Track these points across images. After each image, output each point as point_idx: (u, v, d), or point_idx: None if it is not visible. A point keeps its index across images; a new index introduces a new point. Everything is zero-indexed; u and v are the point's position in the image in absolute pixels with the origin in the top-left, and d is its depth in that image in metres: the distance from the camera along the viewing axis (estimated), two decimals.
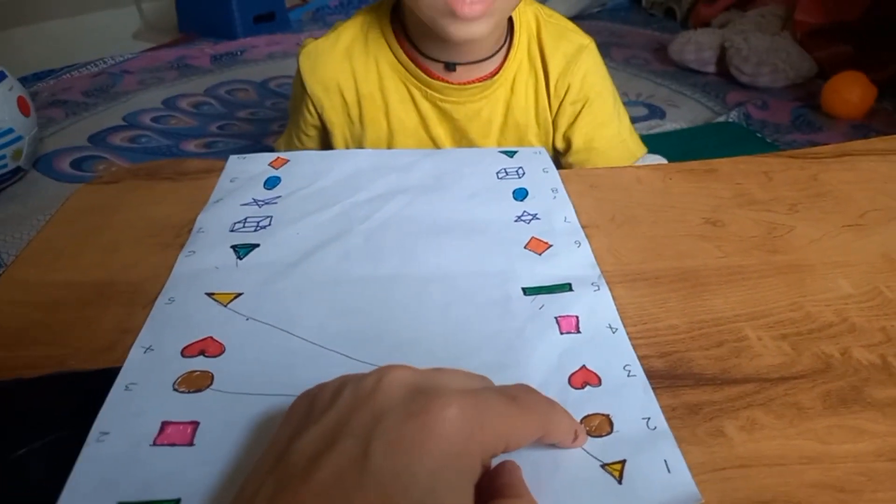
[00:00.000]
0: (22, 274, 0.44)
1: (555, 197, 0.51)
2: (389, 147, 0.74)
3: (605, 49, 2.15)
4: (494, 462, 0.28)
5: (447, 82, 0.70)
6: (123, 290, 0.42)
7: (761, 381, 0.35)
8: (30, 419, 0.34)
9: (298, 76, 0.73)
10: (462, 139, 0.74)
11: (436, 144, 0.74)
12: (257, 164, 0.55)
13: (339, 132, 0.74)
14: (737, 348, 0.37)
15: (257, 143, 1.56)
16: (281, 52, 2.21)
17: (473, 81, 0.71)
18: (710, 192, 0.52)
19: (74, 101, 1.84)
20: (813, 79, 1.76)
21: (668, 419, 0.32)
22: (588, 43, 0.73)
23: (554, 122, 0.75)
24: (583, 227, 0.48)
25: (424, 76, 0.70)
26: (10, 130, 1.35)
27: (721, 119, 1.60)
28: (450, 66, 0.69)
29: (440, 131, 0.73)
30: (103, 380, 0.34)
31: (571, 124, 0.74)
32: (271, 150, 0.91)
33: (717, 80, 1.85)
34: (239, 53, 2.21)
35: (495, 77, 0.71)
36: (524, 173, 0.54)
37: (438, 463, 0.23)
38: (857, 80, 1.57)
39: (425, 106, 0.72)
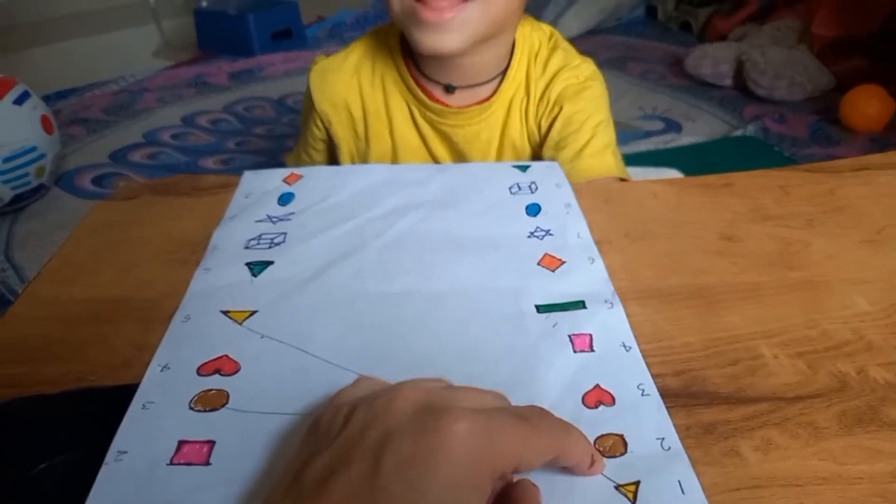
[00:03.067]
0: (42, 291, 0.45)
1: (568, 212, 0.51)
2: (393, 163, 0.74)
3: (620, 64, 2.15)
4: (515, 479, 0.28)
5: (445, 105, 0.70)
6: (140, 307, 0.42)
7: (776, 400, 0.34)
8: (50, 435, 0.34)
9: (308, 92, 0.74)
10: (462, 160, 0.74)
11: (437, 162, 0.74)
12: (271, 180, 0.55)
13: (345, 147, 0.75)
14: (752, 366, 0.36)
15: (273, 158, 1.57)
16: (298, 68, 2.24)
17: (473, 105, 0.70)
18: (726, 206, 0.52)
19: (95, 119, 1.88)
20: (830, 92, 1.75)
21: (682, 438, 0.32)
22: (577, 62, 0.71)
23: (540, 139, 0.73)
24: (597, 242, 0.47)
25: (425, 98, 0.70)
26: (34, 148, 1.37)
27: (738, 133, 1.60)
28: (449, 89, 0.69)
29: (441, 151, 0.74)
30: (121, 396, 0.35)
31: (547, 133, 0.72)
32: (286, 166, 0.92)
33: (734, 93, 1.84)
34: (257, 71, 2.25)
35: (491, 100, 0.70)
36: (537, 188, 0.54)
37: (449, 480, 0.23)
38: (876, 93, 1.55)
39: (425, 127, 0.72)
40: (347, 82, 0.72)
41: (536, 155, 0.75)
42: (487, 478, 0.25)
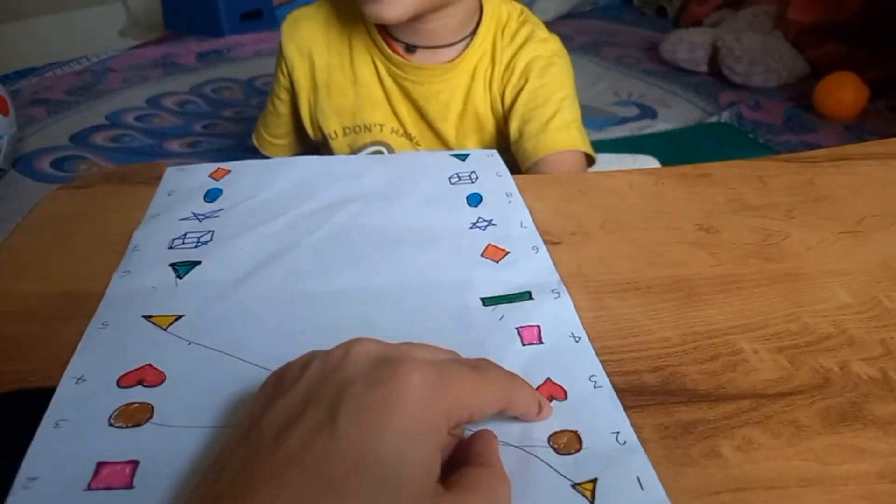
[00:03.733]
0: None
1: (510, 202, 0.50)
2: (354, 116, 0.76)
3: (595, 48, 2.14)
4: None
5: (408, 61, 0.73)
6: (93, 302, 0.40)
7: (757, 398, 0.33)
8: None
9: (279, 41, 0.78)
10: (422, 118, 0.76)
11: (399, 119, 0.76)
12: (196, 176, 0.52)
13: (304, 94, 0.78)
14: (732, 362, 0.35)
15: (242, 142, 1.53)
16: (268, 49, 2.20)
17: (435, 65, 0.73)
18: (704, 197, 0.51)
19: (57, 100, 1.82)
20: (806, 78, 1.77)
21: (660, 439, 0.31)
22: (544, 36, 0.74)
23: (503, 112, 0.75)
24: (572, 233, 0.46)
25: (389, 52, 0.73)
26: None
27: (713, 119, 1.60)
28: (410, 48, 0.73)
29: (402, 108, 0.76)
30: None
31: (511, 108, 0.73)
32: (255, 151, 0.90)
33: (710, 79, 1.85)
34: (225, 51, 2.20)
35: (454, 62, 0.73)
36: (477, 178, 0.53)
37: (404, 427, 0.24)
38: (850, 80, 1.57)
39: (389, 82, 0.75)
40: (316, 31, 0.76)
41: (499, 125, 0.76)
42: (442, 425, 0.26)
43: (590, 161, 0.73)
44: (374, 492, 0.22)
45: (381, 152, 0.77)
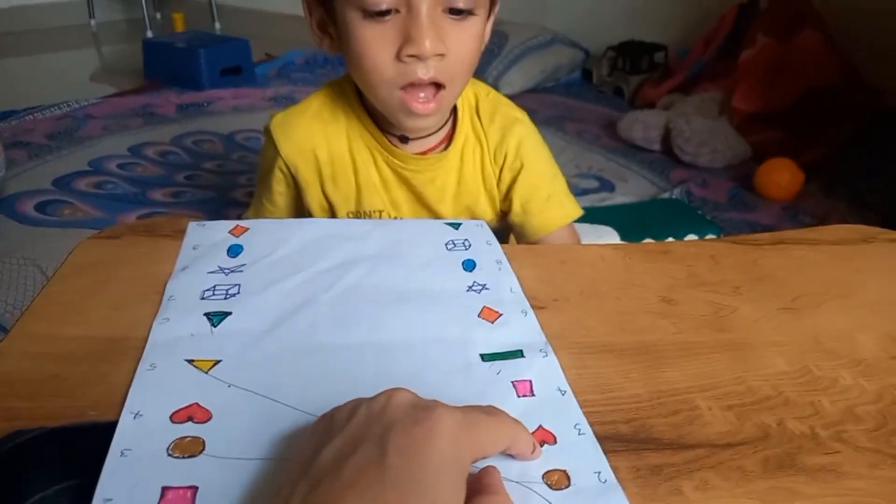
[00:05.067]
0: (33, 328, 0.46)
1: (499, 269, 0.56)
2: (358, 203, 0.80)
3: (558, 122, 2.25)
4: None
5: (406, 152, 0.78)
6: (136, 346, 0.44)
7: (711, 447, 0.40)
8: (51, 468, 0.36)
9: (270, 142, 0.78)
10: (419, 202, 0.81)
11: (395, 205, 0.81)
12: (217, 232, 0.57)
13: (312, 190, 0.80)
14: (690, 416, 0.42)
15: (224, 195, 1.58)
16: (247, 105, 2.25)
17: (426, 152, 0.79)
18: (666, 272, 0.58)
19: (38, 144, 1.83)
20: (748, 161, 1.90)
21: (633, 479, 0.37)
22: (520, 116, 0.82)
23: (498, 188, 0.82)
24: (554, 299, 0.53)
25: (389, 145, 0.77)
26: None
27: (666, 195, 1.71)
28: (403, 139, 0.77)
29: (398, 194, 0.80)
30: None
31: (510, 188, 0.81)
32: (237, 203, 0.94)
33: (662, 157, 1.97)
34: (205, 105, 2.24)
35: (447, 149, 0.78)
36: (470, 245, 0.59)
37: (440, 460, 0.29)
38: (787, 165, 1.70)
39: (386, 171, 0.79)
40: (311, 129, 0.78)
41: (490, 197, 0.83)
42: (469, 460, 0.32)
43: None
44: None
45: None
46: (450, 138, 0.79)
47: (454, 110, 0.79)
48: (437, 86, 0.68)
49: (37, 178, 1.63)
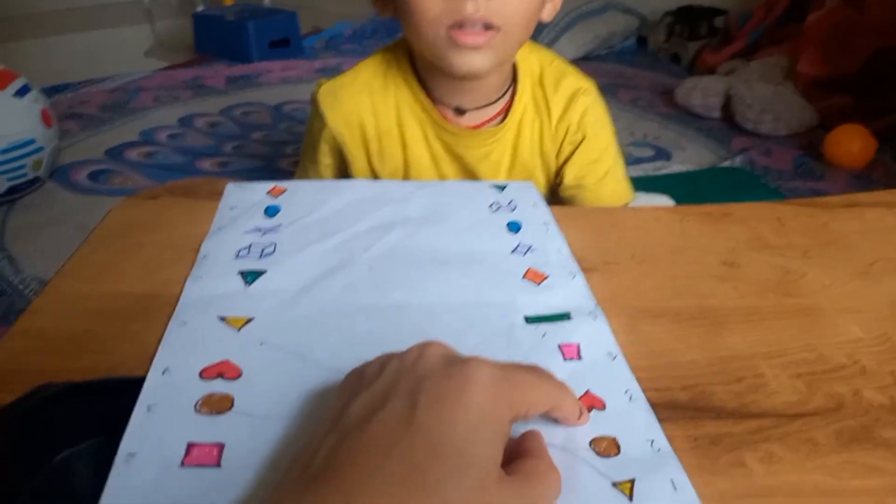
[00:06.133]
0: (67, 286, 0.46)
1: (547, 230, 0.53)
2: (405, 179, 0.77)
3: (612, 90, 2.18)
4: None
5: (458, 126, 0.74)
6: (167, 304, 0.43)
7: (778, 417, 0.36)
8: (79, 422, 0.35)
9: (317, 113, 0.76)
10: (470, 178, 0.77)
11: (444, 180, 0.77)
12: (256, 193, 0.56)
13: (358, 164, 0.77)
14: (755, 384, 0.39)
15: (271, 164, 1.59)
16: (295, 77, 2.26)
17: (482, 125, 0.74)
18: (727, 234, 0.54)
19: (91, 115, 1.88)
20: (814, 128, 1.81)
21: (690, 448, 0.34)
22: (587, 86, 0.77)
23: (556, 161, 0.78)
24: (604, 263, 0.50)
25: (441, 120, 0.73)
26: (32, 141, 1.38)
27: (727, 164, 1.64)
28: (459, 111, 0.73)
29: (449, 170, 0.77)
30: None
31: (567, 160, 0.77)
32: (284, 172, 0.93)
33: (722, 125, 1.89)
34: (254, 77, 2.26)
35: (504, 122, 0.74)
36: (515, 206, 0.56)
37: (475, 416, 0.27)
38: (859, 132, 1.61)
39: (437, 146, 0.75)
40: (360, 100, 0.74)
41: (546, 170, 0.79)
42: (507, 418, 0.29)
43: None
44: (448, 472, 0.25)
45: None
46: (507, 110, 0.75)
47: (514, 79, 0.75)
48: (489, 28, 0.64)
49: (90, 149, 1.67)
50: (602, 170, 0.78)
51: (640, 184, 0.85)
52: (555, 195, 0.81)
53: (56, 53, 2.58)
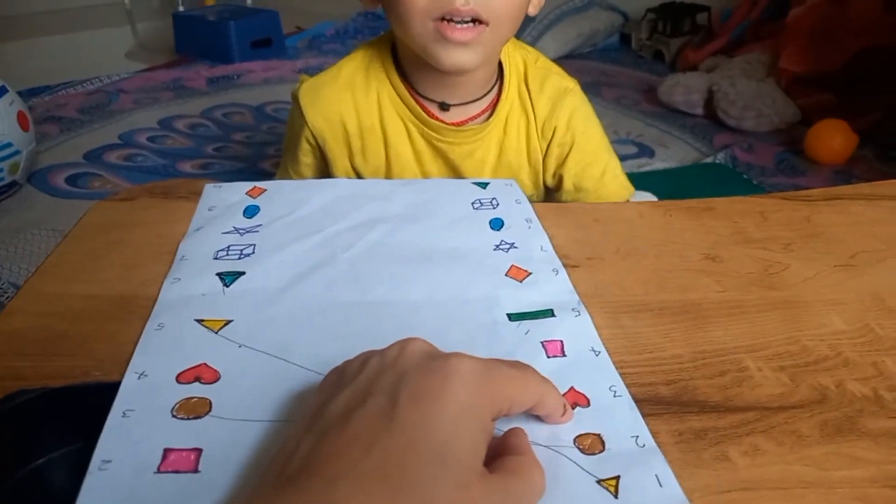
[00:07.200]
0: (42, 286, 0.45)
1: (529, 227, 0.53)
2: (388, 177, 0.76)
3: (595, 88, 2.19)
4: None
5: (443, 122, 0.73)
6: (145, 305, 0.42)
7: (762, 410, 0.36)
8: (53, 428, 0.34)
9: (297, 111, 0.74)
10: (455, 176, 0.76)
11: (428, 177, 0.76)
12: (234, 193, 0.55)
13: (339, 163, 0.76)
14: (738, 378, 0.39)
15: (253, 166, 1.57)
16: (277, 77, 2.24)
17: (466, 122, 0.73)
18: (709, 229, 0.54)
19: (69, 118, 1.85)
20: (796, 125, 1.82)
21: (675, 443, 0.34)
22: (572, 86, 0.76)
23: (544, 163, 0.77)
24: (588, 258, 0.50)
25: (424, 115, 0.72)
26: (9, 144, 1.35)
27: (709, 160, 1.65)
28: (444, 107, 0.72)
29: (433, 167, 0.75)
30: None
31: (560, 165, 0.77)
32: (266, 174, 0.92)
33: (705, 122, 1.90)
34: (235, 77, 2.24)
35: (490, 119, 0.73)
36: (498, 204, 0.56)
37: (456, 412, 0.27)
38: (840, 127, 1.62)
39: (420, 143, 0.74)
40: (341, 97, 0.73)
41: (535, 174, 0.78)
42: (489, 415, 0.28)
43: None
44: (430, 468, 0.25)
45: None
46: (493, 107, 0.74)
47: (500, 76, 0.74)
48: (478, 22, 0.63)
49: (68, 152, 1.64)
50: (598, 171, 0.77)
51: None
52: (546, 195, 0.81)
53: (35, 55, 2.55)
